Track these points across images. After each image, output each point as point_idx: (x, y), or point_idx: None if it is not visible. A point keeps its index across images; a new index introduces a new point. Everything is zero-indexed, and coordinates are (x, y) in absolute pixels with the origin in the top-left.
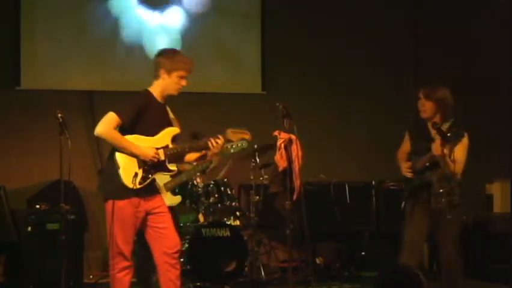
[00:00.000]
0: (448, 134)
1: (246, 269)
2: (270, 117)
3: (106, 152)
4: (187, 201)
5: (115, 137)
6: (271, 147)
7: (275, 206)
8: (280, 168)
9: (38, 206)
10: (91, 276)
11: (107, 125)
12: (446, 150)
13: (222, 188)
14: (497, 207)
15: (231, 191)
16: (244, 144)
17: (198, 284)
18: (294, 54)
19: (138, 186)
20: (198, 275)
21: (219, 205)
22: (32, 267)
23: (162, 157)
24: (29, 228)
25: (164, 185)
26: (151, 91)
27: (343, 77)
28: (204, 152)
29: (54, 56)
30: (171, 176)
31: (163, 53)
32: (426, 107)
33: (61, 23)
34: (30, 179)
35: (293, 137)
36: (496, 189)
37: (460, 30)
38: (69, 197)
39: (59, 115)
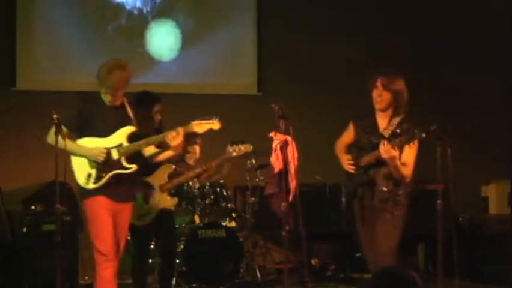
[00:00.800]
0: (398, 130)
1: (242, 270)
2: (266, 119)
3: None
4: (183, 202)
5: (62, 143)
6: (267, 153)
7: (271, 208)
8: (276, 170)
9: (33, 207)
10: (87, 277)
11: (54, 133)
12: (395, 152)
13: (218, 190)
14: (493, 208)
15: (226, 192)
16: (248, 148)
17: (194, 285)
18: (290, 56)
19: (93, 186)
20: (194, 276)
21: (215, 206)
22: (27, 268)
23: (115, 156)
24: (25, 229)
25: (161, 186)
26: (102, 95)
27: (339, 78)
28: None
29: (50, 56)
30: (168, 178)
31: (102, 66)
32: (383, 97)
33: (57, 24)
34: (26, 180)
35: (289, 138)
36: (491, 190)
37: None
38: (64, 198)
39: (55, 116)
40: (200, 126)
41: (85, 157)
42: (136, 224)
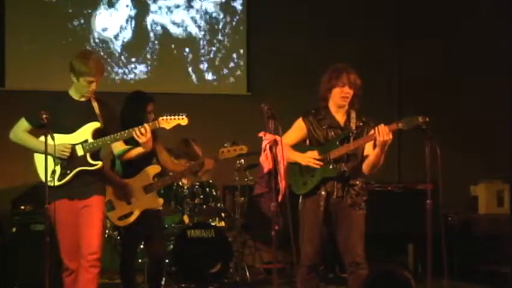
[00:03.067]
0: (360, 123)
1: (231, 270)
2: (255, 119)
3: None
4: (172, 202)
5: (24, 139)
6: (256, 153)
7: (260, 207)
8: (265, 170)
9: (23, 207)
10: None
11: (16, 129)
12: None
13: (207, 189)
14: (482, 208)
15: (216, 192)
16: (244, 149)
17: (183, 285)
18: (279, 55)
19: (57, 183)
20: (183, 276)
21: (204, 206)
22: (16, 268)
23: (80, 152)
24: (14, 229)
25: (145, 187)
26: (69, 91)
27: None
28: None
29: (39, 56)
30: (154, 178)
31: (76, 57)
32: (349, 95)
33: (46, 24)
34: (15, 180)
35: (278, 138)
36: (480, 190)
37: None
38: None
39: (44, 116)
40: (167, 122)
41: (48, 154)
42: (119, 225)
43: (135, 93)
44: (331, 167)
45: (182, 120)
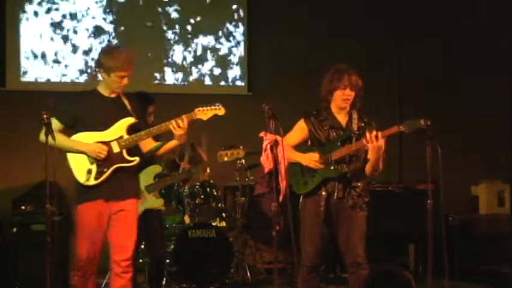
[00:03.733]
0: (362, 124)
1: (232, 270)
2: (256, 119)
3: None
4: (173, 202)
5: (58, 139)
6: (257, 153)
7: (261, 208)
8: (266, 170)
9: (23, 207)
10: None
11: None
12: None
13: (208, 189)
14: (483, 208)
15: (216, 192)
16: (241, 153)
17: (184, 285)
18: (279, 55)
19: (94, 182)
20: (184, 276)
21: (205, 206)
22: (17, 268)
23: (115, 149)
24: (15, 229)
25: (146, 187)
26: (98, 88)
27: None
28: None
29: (40, 57)
30: (155, 178)
31: (102, 52)
32: (350, 97)
33: (47, 24)
34: (16, 180)
35: (279, 138)
36: (481, 190)
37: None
38: (55, 198)
39: (45, 116)
40: (204, 113)
41: (83, 153)
42: None
43: (138, 94)
44: (332, 167)
45: (219, 110)
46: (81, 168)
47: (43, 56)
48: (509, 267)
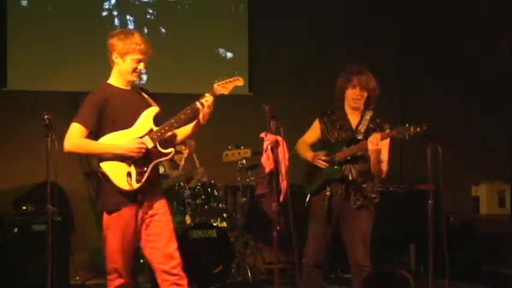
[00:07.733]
0: (371, 125)
1: (233, 270)
2: (257, 119)
3: None
4: (174, 202)
5: (87, 145)
6: (258, 154)
7: (262, 208)
8: (267, 170)
9: (24, 208)
10: (77, 278)
11: (73, 137)
12: (381, 145)
13: (209, 190)
14: (483, 209)
15: (217, 192)
16: (248, 153)
17: None
18: (281, 56)
19: (137, 185)
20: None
21: (206, 206)
22: (18, 269)
23: (150, 144)
24: (16, 230)
25: None
26: (110, 82)
27: (329, 79)
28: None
29: (41, 57)
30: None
31: (116, 34)
32: (362, 97)
33: (48, 25)
34: (17, 180)
35: (280, 138)
36: (481, 191)
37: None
38: (56, 199)
39: (46, 116)
40: (224, 87)
41: (121, 155)
42: None
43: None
44: (336, 168)
45: (239, 81)
46: (120, 174)
47: (45, 55)
48: (510, 267)
